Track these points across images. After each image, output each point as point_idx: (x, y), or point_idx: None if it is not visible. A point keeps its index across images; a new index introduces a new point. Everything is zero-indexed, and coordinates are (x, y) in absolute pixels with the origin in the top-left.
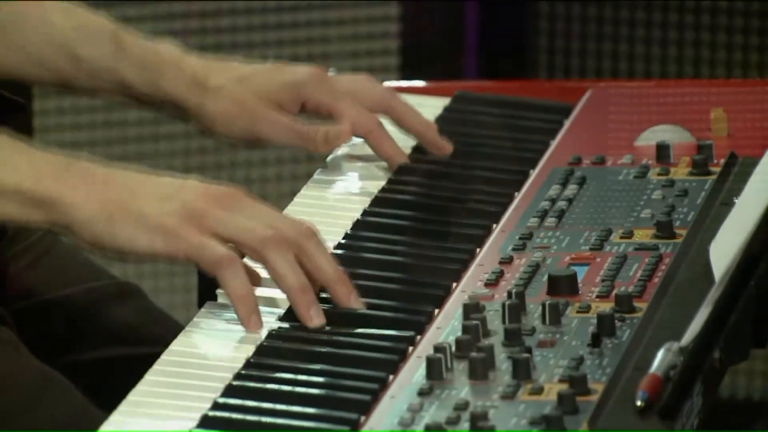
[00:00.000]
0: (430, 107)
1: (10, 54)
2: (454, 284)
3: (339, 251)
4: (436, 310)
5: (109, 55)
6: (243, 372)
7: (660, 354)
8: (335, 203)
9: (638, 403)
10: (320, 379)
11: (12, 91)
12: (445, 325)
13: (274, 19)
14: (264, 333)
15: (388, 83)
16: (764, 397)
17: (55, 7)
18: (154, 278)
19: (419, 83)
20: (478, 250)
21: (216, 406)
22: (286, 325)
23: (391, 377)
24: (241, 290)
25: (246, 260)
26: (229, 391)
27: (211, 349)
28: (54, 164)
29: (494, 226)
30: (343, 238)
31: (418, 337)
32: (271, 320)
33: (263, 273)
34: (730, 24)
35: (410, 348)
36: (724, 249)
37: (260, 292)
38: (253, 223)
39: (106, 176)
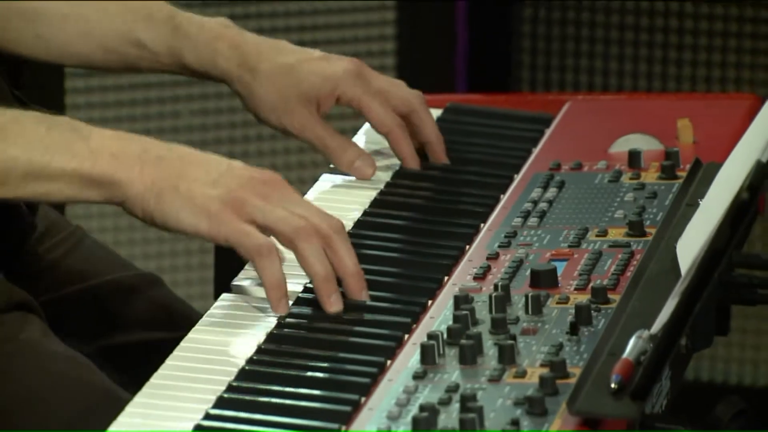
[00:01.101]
0: None
1: (76, 42)
2: (446, 278)
3: None
4: (429, 301)
5: (168, 37)
6: (255, 357)
7: (632, 341)
8: (338, 204)
9: (612, 385)
10: (324, 364)
11: (44, 104)
12: (438, 315)
13: (282, 37)
14: (274, 322)
15: None
16: (726, 380)
17: None
18: (173, 272)
19: None
20: (467, 247)
21: (230, 388)
22: (294, 314)
23: (388, 362)
24: (275, 277)
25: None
26: (242, 375)
27: (226, 336)
28: (110, 145)
29: (482, 225)
30: None
31: (413, 325)
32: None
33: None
34: (695, 43)
35: (406, 335)
36: (690, 246)
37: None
38: (287, 213)
39: (158, 155)
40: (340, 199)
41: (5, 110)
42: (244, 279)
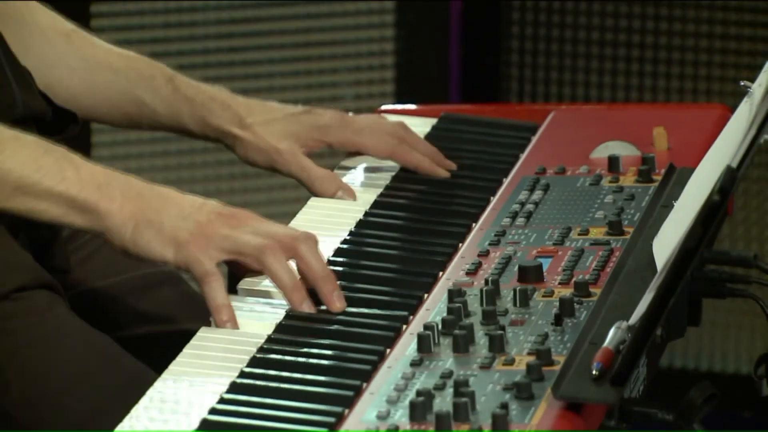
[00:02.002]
0: (421, 126)
1: (83, 96)
2: (441, 273)
3: (345, 246)
4: (426, 295)
5: (167, 97)
6: (265, 346)
7: (612, 331)
8: (342, 206)
9: (594, 372)
10: (329, 352)
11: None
12: (433, 307)
13: (291, 54)
14: (283, 314)
15: (385, 106)
16: (697, 367)
17: (117, 54)
18: None
19: (411, 106)
20: (460, 244)
21: (243, 374)
22: None
23: (388, 350)
24: (219, 301)
25: None
26: (254, 361)
27: (239, 327)
28: (98, 177)
29: (474, 224)
30: (348, 235)
31: (411, 317)
32: (286, 304)
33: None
34: (669, 58)
35: (404, 326)
36: (665, 244)
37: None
38: (252, 236)
39: (140, 191)
40: (343, 201)
41: (8, 128)
42: (252, 278)
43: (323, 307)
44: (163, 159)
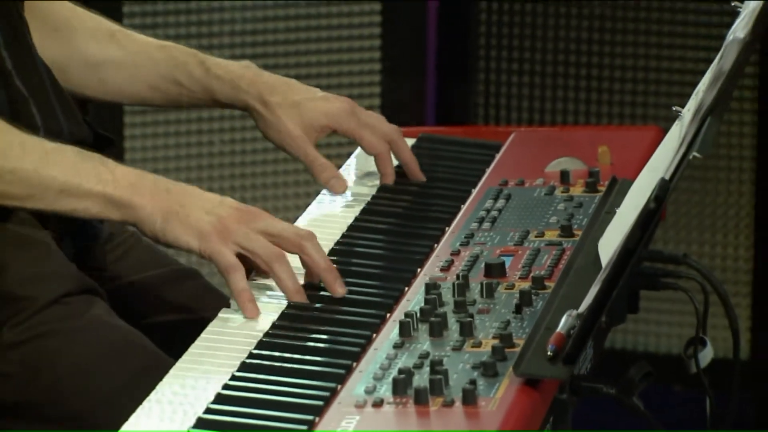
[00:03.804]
0: None
1: (129, 84)
2: (419, 269)
3: (338, 247)
4: (406, 288)
5: (201, 78)
6: (270, 331)
7: (564, 318)
8: (335, 212)
9: (549, 353)
10: (324, 336)
11: (105, 129)
12: (413, 298)
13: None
14: (285, 304)
15: None
16: (635, 348)
17: (156, 45)
18: (209, 264)
19: None
20: (435, 245)
21: (251, 355)
22: None
23: (374, 335)
24: (240, 287)
25: None
26: (261, 345)
27: (259, 308)
28: (129, 177)
29: (447, 228)
30: (341, 238)
31: (393, 306)
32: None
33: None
34: (611, 87)
35: (388, 314)
36: (609, 244)
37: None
38: (265, 241)
39: (167, 187)
40: (337, 208)
41: (51, 141)
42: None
43: (324, 293)
44: (186, 137)
